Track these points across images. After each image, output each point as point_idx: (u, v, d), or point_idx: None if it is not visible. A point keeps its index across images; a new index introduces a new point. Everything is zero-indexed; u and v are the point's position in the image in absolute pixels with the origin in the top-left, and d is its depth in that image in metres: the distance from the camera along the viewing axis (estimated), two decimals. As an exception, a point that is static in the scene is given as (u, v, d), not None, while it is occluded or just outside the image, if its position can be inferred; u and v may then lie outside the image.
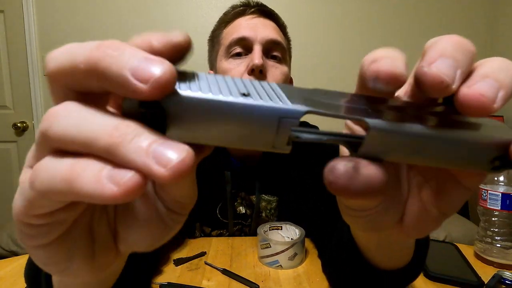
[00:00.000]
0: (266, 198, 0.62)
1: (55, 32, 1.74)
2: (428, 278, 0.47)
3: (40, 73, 1.75)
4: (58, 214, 0.13)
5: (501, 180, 0.51)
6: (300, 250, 0.51)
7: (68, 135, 0.12)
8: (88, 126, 0.11)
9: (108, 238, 0.16)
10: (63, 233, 0.14)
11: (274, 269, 0.50)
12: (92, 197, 0.11)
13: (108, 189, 0.11)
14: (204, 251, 0.56)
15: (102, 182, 0.11)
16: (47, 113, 0.12)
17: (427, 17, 1.92)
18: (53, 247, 0.14)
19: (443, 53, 0.14)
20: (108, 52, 0.12)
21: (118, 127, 0.11)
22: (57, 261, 0.15)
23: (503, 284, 0.44)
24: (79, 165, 0.11)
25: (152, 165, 0.11)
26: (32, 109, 1.77)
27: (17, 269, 0.50)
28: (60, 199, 0.12)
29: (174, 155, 0.11)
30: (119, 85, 0.11)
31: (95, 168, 0.11)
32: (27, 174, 0.14)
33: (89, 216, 0.16)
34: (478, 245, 0.54)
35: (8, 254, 1.01)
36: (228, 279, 0.47)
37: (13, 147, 1.81)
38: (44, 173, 0.12)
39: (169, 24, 1.78)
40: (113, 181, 0.11)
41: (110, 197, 0.11)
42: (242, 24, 0.57)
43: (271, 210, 0.62)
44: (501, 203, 0.50)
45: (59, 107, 0.12)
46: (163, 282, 0.45)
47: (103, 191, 0.11)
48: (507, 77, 0.14)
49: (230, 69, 0.55)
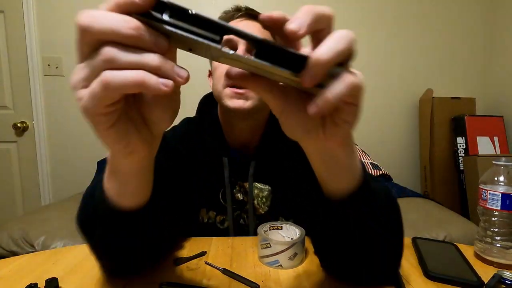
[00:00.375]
0: (259, 186, 0.65)
1: (55, 32, 1.74)
2: (428, 278, 0.47)
3: (40, 73, 1.76)
4: (116, 104, 0.23)
5: (501, 180, 0.51)
6: (300, 250, 0.51)
7: (114, 28, 0.21)
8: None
9: (141, 121, 0.27)
10: (118, 116, 0.25)
11: (274, 269, 0.50)
12: (153, 91, 0.21)
13: (163, 88, 0.22)
14: (204, 251, 0.56)
15: (160, 85, 0.21)
16: (86, 14, 0.21)
17: (427, 17, 1.92)
18: (116, 126, 0.25)
19: (297, 16, 0.24)
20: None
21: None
22: (121, 136, 0.26)
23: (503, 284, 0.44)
24: (144, 76, 0.21)
25: (176, 77, 0.22)
26: (32, 109, 1.77)
27: (17, 269, 0.50)
28: (127, 92, 0.22)
29: (186, 73, 0.23)
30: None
31: (153, 77, 0.21)
32: (82, 73, 0.22)
33: (127, 106, 0.26)
34: (478, 245, 0.54)
35: (8, 254, 1.01)
36: (228, 279, 0.47)
37: (13, 147, 1.81)
38: (118, 79, 0.21)
39: (169, 24, 1.78)
40: (165, 85, 0.22)
41: (163, 92, 0.22)
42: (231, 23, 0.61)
43: (263, 199, 0.64)
44: (501, 203, 0.50)
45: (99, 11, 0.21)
46: (163, 282, 0.45)
47: (160, 89, 0.21)
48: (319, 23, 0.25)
49: (219, 66, 0.61)
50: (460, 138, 1.81)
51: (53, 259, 0.53)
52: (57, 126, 1.80)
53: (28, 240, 1.01)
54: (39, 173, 1.81)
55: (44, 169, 1.81)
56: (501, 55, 1.91)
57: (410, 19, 1.92)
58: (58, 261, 0.52)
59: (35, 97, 1.76)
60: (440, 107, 1.86)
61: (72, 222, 1.11)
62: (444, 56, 1.96)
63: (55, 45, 1.75)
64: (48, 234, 1.03)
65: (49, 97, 1.78)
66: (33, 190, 1.83)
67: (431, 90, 1.90)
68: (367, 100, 1.95)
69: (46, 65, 1.75)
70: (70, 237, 1.04)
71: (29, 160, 1.81)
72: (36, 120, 1.77)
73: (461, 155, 1.80)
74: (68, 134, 1.81)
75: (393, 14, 1.90)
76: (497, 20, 1.93)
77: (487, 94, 2.00)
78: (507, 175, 0.51)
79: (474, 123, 1.80)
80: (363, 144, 1.95)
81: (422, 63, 1.96)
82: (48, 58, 1.75)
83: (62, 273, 0.48)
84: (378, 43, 1.92)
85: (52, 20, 1.73)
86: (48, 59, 1.75)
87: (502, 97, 1.91)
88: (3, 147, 1.81)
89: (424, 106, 1.90)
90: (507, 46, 1.87)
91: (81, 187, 1.73)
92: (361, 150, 1.75)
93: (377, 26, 1.90)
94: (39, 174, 1.81)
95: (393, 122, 1.98)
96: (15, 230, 1.04)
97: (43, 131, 1.79)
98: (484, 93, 2.01)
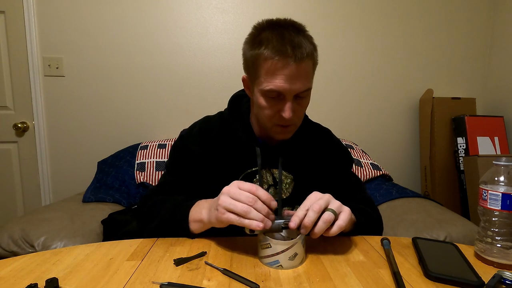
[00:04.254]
0: (284, 173, 0.76)
1: (55, 33, 1.74)
2: (428, 278, 0.47)
3: (40, 73, 1.76)
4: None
5: (502, 180, 0.51)
6: (300, 250, 0.51)
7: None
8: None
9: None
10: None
11: (274, 269, 0.50)
12: (251, 227, 0.51)
13: (257, 227, 0.50)
14: (205, 251, 0.56)
15: (259, 224, 0.51)
16: (228, 204, 0.54)
17: (427, 17, 1.92)
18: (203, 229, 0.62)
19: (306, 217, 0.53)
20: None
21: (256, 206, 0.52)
22: (201, 229, 0.62)
23: (503, 284, 0.44)
24: (247, 222, 0.51)
25: (260, 223, 0.51)
26: (33, 109, 1.77)
27: (17, 269, 0.50)
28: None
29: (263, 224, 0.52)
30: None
31: (255, 217, 0.51)
32: (215, 213, 0.56)
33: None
34: (479, 245, 0.54)
35: (8, 254, 1.01)
36: (229, 279, 0.47)
37: (14, 147, 1.81)
38: (231, 220, 0.53)
39: (169, 24, 1.78)
40: (258, 225, 0.50)
41: (257, 228, 0.51)
42: (278, 75, 0.63)
43: (286, 185, 0.76)
44: (501, 203, 0.50)
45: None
46: (164, 282, 0.45)
47: (257, 227, 0.50)
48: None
49: (266, 106, 0.67)
50: (460, 138, 1.81)
51: (53, 259, 0.53)
52: (58, 127, 1.80)
53: (28, 241, 1.01)
54: (39, 173, 1.81)
55: (44, 169, 1.81)
56: (502, 55, 1.91)
57: (410, 19, 1.91)
58: (58, 261, 0.52)
59: (36, 98, 1.76)
60: (440, 107, 1.86)
61: (72, 223, 1.11)
62: (444, 56, 1.96)
63: (55, 45, 1.75)
64: (48, 235, 1.03)
65: (50, 98, 1.78)
66: (33, 190, 1.83)
67: (431, 90, 1.90)
68: (368, 100, 1.95)
69: (46, 65, 1.75)
70: (70, 238, 1.03)
71: (29, 160, 1.81)
72: (37, 120, 1.77)
73: (461, 155, 1.80)
74: (68, 134, 1.81)
75: (393, 14, 1.90)
76: (498, 20, 1.93)
77: (487, 94, 1.99)
78: (507, 175, 0.51)
79: (474, 123, 1.80)
80: (363, 144, 1.95)
81: (422, 63, 1.96)
82: (49, 59, 1.75)
83: (62, 274, 0.48)
84: (378, 43, 1.91)
85: (53, 20, 1.73)
86: (48, 59, 1.75)
87: (502, 97, 1.91)
88: (3, 147, 1.81)
89: (424, 106, 1.90)
90: (507, 46, 1.87)
91: (81, 187, 1.73)
92: (361, 150, 1.75)
93: (377, 26, 1.90)
94: (39, 174, 1.81)
95: (393, 122, 1.98)
96: (15, 230, 1.04)
97: (44, 131, 1.79)
98: (484, 93, 2.01)
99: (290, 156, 0.76)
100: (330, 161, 0.80)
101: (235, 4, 1.81)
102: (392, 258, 0.52)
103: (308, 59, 0.63)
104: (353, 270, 0.50)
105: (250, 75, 0.70)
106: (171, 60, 1.81)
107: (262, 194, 0.53)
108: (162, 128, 1.85)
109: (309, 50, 0.63)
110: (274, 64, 0.62)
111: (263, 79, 0.65)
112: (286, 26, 0.64)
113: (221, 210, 0.53)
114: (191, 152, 0.76)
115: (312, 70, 0.67)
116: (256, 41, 0.65)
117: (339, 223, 0.54)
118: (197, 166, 0.75)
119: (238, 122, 0.77)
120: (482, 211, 0.53)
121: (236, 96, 0.82)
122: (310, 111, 0.88)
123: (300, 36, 0.63)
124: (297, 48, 0.61)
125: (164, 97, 1.83)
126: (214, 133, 0.77)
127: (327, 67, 1.89)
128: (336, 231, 0.53)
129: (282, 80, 0.62)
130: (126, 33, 1.76)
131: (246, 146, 0.75)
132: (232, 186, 0.55)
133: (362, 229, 0.66)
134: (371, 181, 1.58)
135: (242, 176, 0.75)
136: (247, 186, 0.54)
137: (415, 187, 2.02)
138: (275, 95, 0.65)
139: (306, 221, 0.51)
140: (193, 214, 0.62)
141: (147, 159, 1.56)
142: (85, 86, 1.79)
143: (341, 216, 0.55)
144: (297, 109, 0.67)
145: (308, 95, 0.69)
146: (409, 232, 1.10)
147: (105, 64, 1.77)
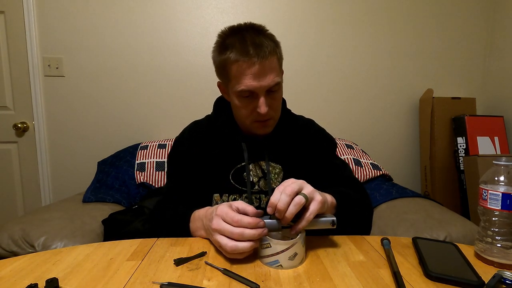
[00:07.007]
0: (272, 164, 0.79)
1: (55, 33, 1.74)
2: (428, 278, 0.47)
3: (40, 74, 1.76)
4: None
5: (502, 180, 0.51)
6: (300, 250, 0.51)
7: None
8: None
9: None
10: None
11: (274, 269, 0.50)
12: (242, 253, 0.52)
13: (248, 248, 0.51)
14: (205, 251, 0.56)
15: (248, 247, 0.51)
16: (225, 246, 0.53)
17: (427, 17, 1.92)
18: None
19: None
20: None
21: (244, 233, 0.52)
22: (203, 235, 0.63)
23: (504, 284, 0.44)
24: (240, 249, 0.51)
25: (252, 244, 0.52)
26: (33, 109, 1.77)
27: (17, 269, 0.50)
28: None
29: (249, 245, 0.52)
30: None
31: (246, 245, 0.52)
32: (215, 237, 0.55)
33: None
34: (479, 245, 0.54)
35: (8, 254, 1.01)
36: (229, 279, 0.47)
37: (14, 147, 1.81)
38: (227, 250, 0.52)
39: (169, 24, 1.78)
40: (250, 246, 0.52)
41: (247, 251, 0.52)
42: (246, 75, 0.68)
43: (275, 175, 0.79)
44: (501, 203, 0.50)
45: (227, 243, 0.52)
46: (164, 282, 0.45)
47: (247, 250, 0.51)
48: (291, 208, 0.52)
49: (242, 106, 0.72)
50: (460, 138, 1.81)
51: (53, 259, 0.53)
52: (58, 127, 1.80)
53: (29, 241, 1.01)
54: (39, 173, 1.81)
55: (44, 169, 1.81)
56: (502, 55, 1.91)
57: (410, 19, 1.91)
58: (58, 261, 0.52)
59: (36, 98, 1.76)
60: (440, 107, 1.86)
61: (72, 223, 1.11)
62: (444, 56, 1.96)
63: (55, 45, 1.75)
64: (48, 235, 1.03)
65: (50, 98, 1.78)
66: (33, 190, 1.83)
67: (431, 90, 1.90)
68: (368, 100, 1.95)
69: (46, 65, 1.75)
70: (70, 238, 1.03)
71: (29, 161, 1.81)
72: (37, 120, 1.77)
73: (461, 155, 1.80)
74: (68, 134, 1.81)
75: (394, 15, 1.90)
76: (498, 20, 1.93)
77: (487, 94, 1.99)
78: (508, 175, 0.51)
79: (474, 123, 1.80)
80: (363, 144, 1.95)
81: (422, 63, 1.95)
82: (49, 59, 1.75)
83: (62, 274, 0.48)
84: (378, 44, 1.91)
85: (53, 20, 1.73)
86: (48, 59, 1.75)
87: (502, 97, 1.91)
88: (3, 148, 1.81)
89: (424, 106, 1.90)
90: (507, 46, 1.87)
91: (81, 187, 1.73)
92: (361, 150, 1.75)
93: (377, 27, 1.90)
94: (39, 174, 1.81)
95: (393, 122, 1.98)
96: (15, 230, 1.04)
97: (44, 131, 1.79)
98: (484, 93, 2.01)
99: (276, 147, 0.80)
100: (314, 146, 0.83)
101: (235, 4, 1.81)
102: (392, 258, 0.52)
103: (271, 55, 0.68)
104: (353, 270, 0.50)
105: (223, 79, 0.75)
106: (171, 60, 1.81)
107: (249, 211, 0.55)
108: (162, 128, 1.85)
109: (271, 48, 0.68)
110: (240, 65, 0.67)
111: (234, 81, 0.70)
112: (247, 29, 0.70)
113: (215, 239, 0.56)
114: (184, 154, 0.81)
115: (278, 65, 0.72)
116: (222, 47, 0.70)
117: (307, 216, 0.52)
118: (192, 166, 0.80)
119: (224, 121, 0.81)
120: (482, 211, 0.53)
121: (220, 98, 0.86)
122: (310, 111, 0.89)
123: (260, 36, 0.69)
124: (258, 47, 0.66)
125: (164, 97, 1.83)
126: (202, 134, 0.82)
127: (327, 67, 1.89)
128: (304, 225, 0.52)
129: (251, 79, 0.67)
130: (126, 33, 1.76)
131: (233, 143, 0.79)
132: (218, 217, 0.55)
133: (344, 211, 0.65)
134: (371, 181, 1.58)
135: (232, 171, 0.78)
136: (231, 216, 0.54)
137: (415, 187, 2.02)
138: (248, 94, 0.70)
139: (280, 205, 0.51)
140: (193, 231, 0.66)
141: (147, 159, 1.56)
142: (85, 86, 1.79)
143: (311, 207, 0.53)
144: (271, 103, 0.72)
145: (279, 88, 0.73)
146: (409, 232, 1.10)
147: (105, 64, 1.77)
